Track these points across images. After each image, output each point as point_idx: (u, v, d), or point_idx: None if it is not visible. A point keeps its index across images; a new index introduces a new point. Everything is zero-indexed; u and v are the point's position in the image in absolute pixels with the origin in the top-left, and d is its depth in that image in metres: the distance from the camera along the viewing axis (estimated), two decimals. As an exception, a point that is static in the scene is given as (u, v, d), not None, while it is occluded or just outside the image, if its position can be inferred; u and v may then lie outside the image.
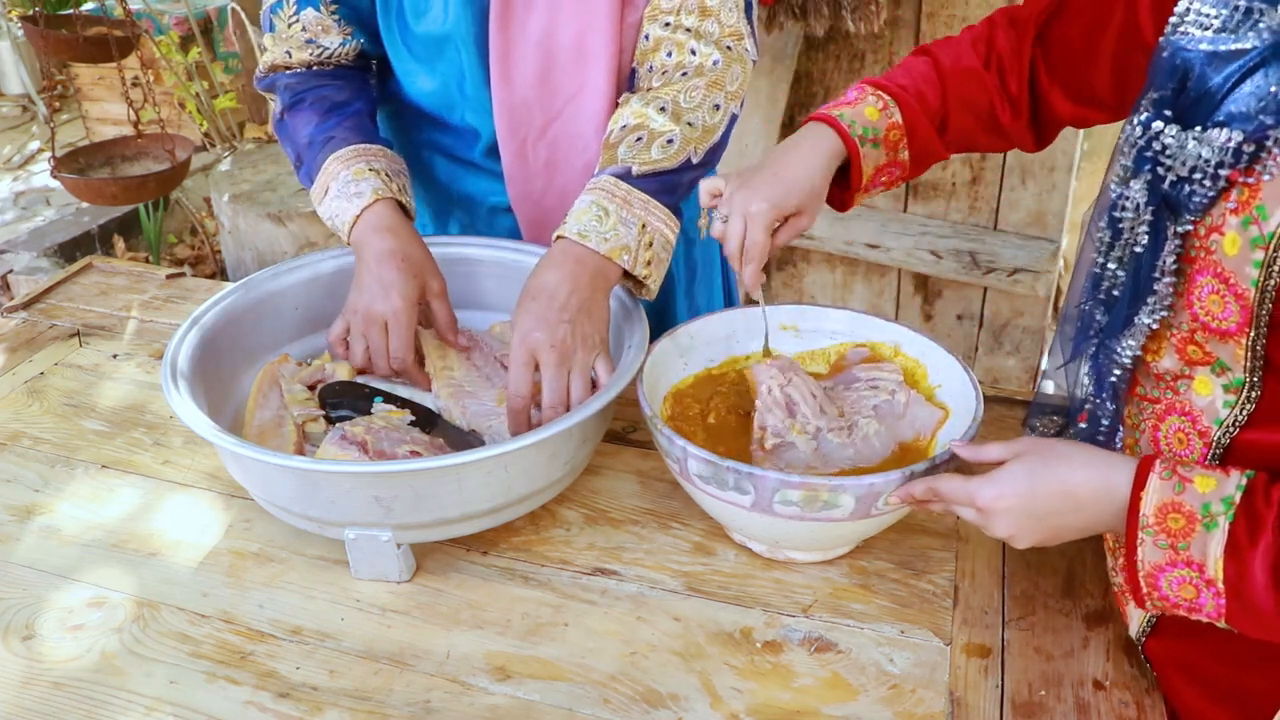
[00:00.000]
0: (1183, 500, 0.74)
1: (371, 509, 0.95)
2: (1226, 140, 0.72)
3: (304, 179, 1.26)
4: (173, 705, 0.89)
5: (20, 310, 1.51)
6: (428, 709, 0.88)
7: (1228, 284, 0.73)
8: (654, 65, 1.20)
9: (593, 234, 1.08)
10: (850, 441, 1.06)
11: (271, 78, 1.31)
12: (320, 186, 1.21)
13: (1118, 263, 0.82)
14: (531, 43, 1.20)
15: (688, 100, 1.15)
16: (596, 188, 1.11)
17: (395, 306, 1.14)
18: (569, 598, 0.99)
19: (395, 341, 1.15)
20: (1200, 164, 0.73)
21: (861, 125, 1.02)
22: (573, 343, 1.05)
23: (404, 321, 1.14)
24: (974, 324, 2.81)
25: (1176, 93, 0.77)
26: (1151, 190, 0.77)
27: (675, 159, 1.13)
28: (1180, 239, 0.76)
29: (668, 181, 1.13)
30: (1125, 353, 0.83)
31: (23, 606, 0.99)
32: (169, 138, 2.86)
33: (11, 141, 4.80)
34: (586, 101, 1.24)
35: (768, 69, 2.61)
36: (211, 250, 3.63)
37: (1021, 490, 0.81)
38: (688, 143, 1.14)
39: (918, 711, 0.87)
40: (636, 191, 1.11)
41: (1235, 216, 0.72)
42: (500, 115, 1.24)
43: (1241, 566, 0.72)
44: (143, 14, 3.69)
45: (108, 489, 1.15)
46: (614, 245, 1.08)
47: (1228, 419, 0.78)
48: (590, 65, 1.21)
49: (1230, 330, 0.74)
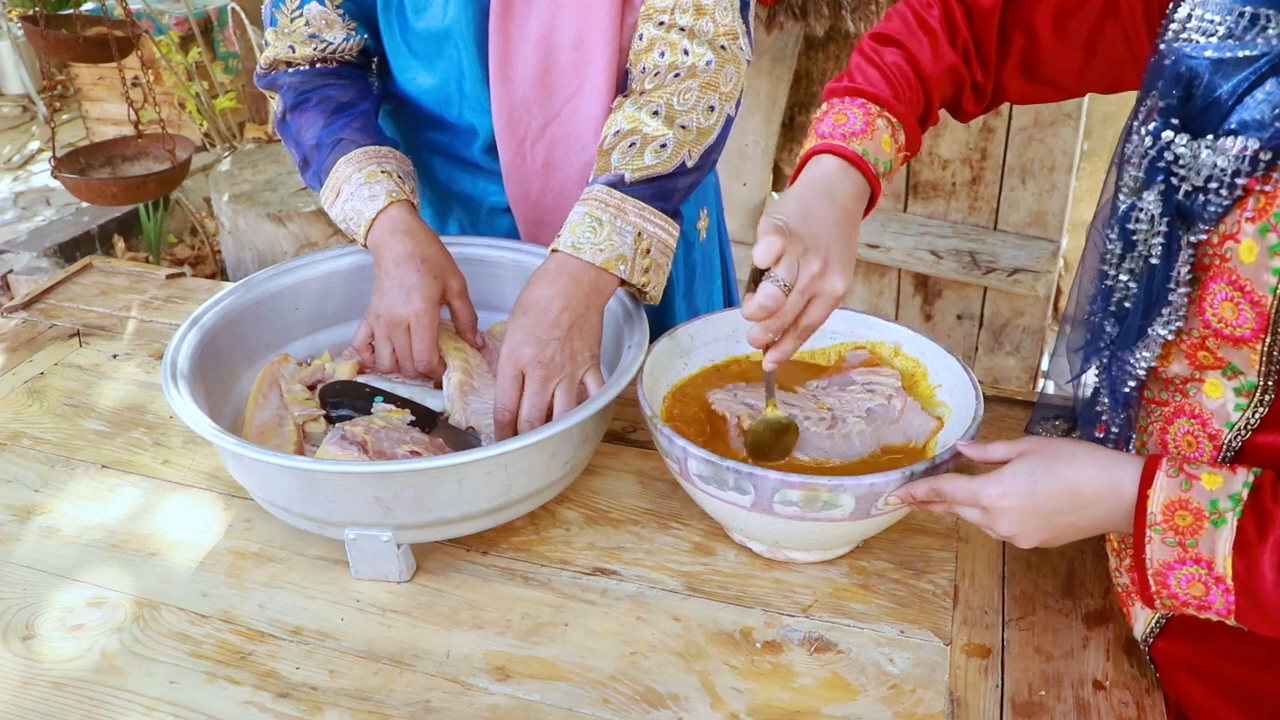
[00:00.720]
0: (1190, 497, 0.74)
1: (371, 509, 0.95)
2: (1243, 149, 0.71)
3: (311, 180, 1.25)
4: (173, 705, 0.89)
5: (20, 310, 1.51)
6: (428, 709, 0.88)
7: (1243, 291, 0.73)
8: (646, 66, 1.19)
9: (587, 246, 1.07)
10: (830, 434, 1.06)
11: (273, 76, 1.30)
12: (331, 189, 1.21)
13: (1129, 274, 0.81)
14: (531, 41, 1.20)
15: (681, 103, 1.14)
16: (590, 198, 1.10)
17: (417, 309, 1.14)
18: (569, 598, 0.99)
19: (419, 344, 1.15)
20: (1216, 173, 0.72)
21: (884, 162, 0.96)
22: (561, 359, 1.06)
23: (426, 323, 1.14)
24: (974, 324, 2.81)
25: (1183, 101, 0.76)
26: (1165, 201, 0.76)
27: (669, 164, 1.12)
28: (1193, 248, 0.76)
29: (663, 187, 1.12)
30: (1140, 364, 0.82)
31: (23, 606, 0.99)
32: (169, 138, 2.86)
33: (11, 141, 4.80)
34: (585, 102, 1.23)
35: (768, 69, 2.61)
36: (211, 250, 3.64)
37: (1025, 489, 0.81)
38: (681, 146, 1.13)
39: (918, 711, 0.87)
40: (631, 200, 1.10)
41: (1252, 224, 0.71)
42: (499, 114, 1.24)
43: (1250, 563, 0.72)
44: (143, 14, 3.69)
45: (108, 489, 1.15)
46: (609, 256, 1.07)
47: (1239, 422, 0.78)
48: (589, 65, 1.21)
49: (1245, 337, 0.74)
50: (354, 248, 1.28)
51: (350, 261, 1.28)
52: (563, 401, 1.06)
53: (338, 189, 1.20)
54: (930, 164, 2.73)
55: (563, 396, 1.06)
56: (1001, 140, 2.63)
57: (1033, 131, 2.59)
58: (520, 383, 1.06)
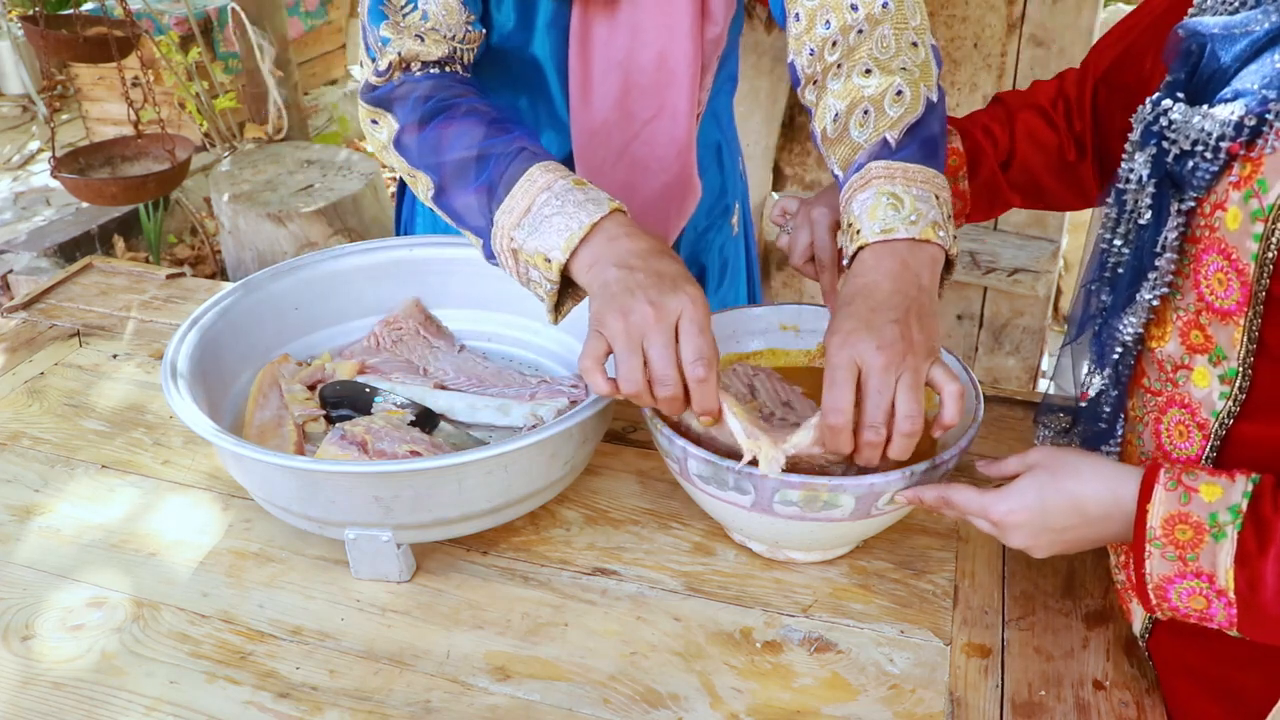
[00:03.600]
0: (1189, 511, 0.74)
1: (371, 509, 0.95)
2: (1230, 115, 0.72)
3: (471, 193, 1.01)
4: (173, 705, 0.89)
5: (20, 310, 1.51)
6: (428, 709, 0.88)
7: (1230, 260, 0.73)
8: (814, 46, 1.04)
9: (899, 225, 0.90)
10: None
11: (393, 84, 1.08)
12: (522, 198, 0.96)
13: (1123, 239, 0.83)
14: (612, 64, 1.17)
15: (882, 51, 0.99)
16: (871, 179, 0.93)
17: (691, 294, 0.88)
18: (569, 598, 0.99)
19: (698, 339, 0.86)
20: (1203, 137, 0.74)
21: None
22: (902, 346, 0.85)
23: (704, 310, 0.88)
24: (974, 324, 2.81)
25: (1189, 75, 0.78)
26: (1155, 164, 0.78)
27: (917, 105, 0.96)
28: (1185, 216, 0.77)
29: (927, 140, 0.96)
30: (1126, 329, 0.83)
31: (23, 606, 0.99)
32: (169, 138, 2.86)
33: (11, 141, 4.80)
34: (665, 123, 1.21)
35: (768, 69, 2.61)
36: (211, 250, 3.64)
37: (1032, 505, 0.82)
38: (915, 85, 0.97)
39: (918, 711, 0.87)
40: (913, 165, 0.94)
41: (1237, 191, 0.72)
42: (578, 137, 1.22)
43: (1252, 575, 0.71)
44: (143, 14, 3.69)
45: (108, 489, 1.15)
46: (925, 225, 0.90)
47: (1223, 410, 0.78)
48: (670, 87, 1.19)
49: (1230, 310, 0.74)
50: (354, 247, 1.28)
51: (350, 262, 1.28)
52: (908, 400, 0.84)
53: (533, 198, 0.95)
54: (930, 164, 2.72)
55: (908, 394, 0.84)
56: (1001, 140, 2.62)
57: (1033, 131, 2.58)
58: (856, 376, 0.85)
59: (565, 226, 0.93)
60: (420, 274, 1.30)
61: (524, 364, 1.30)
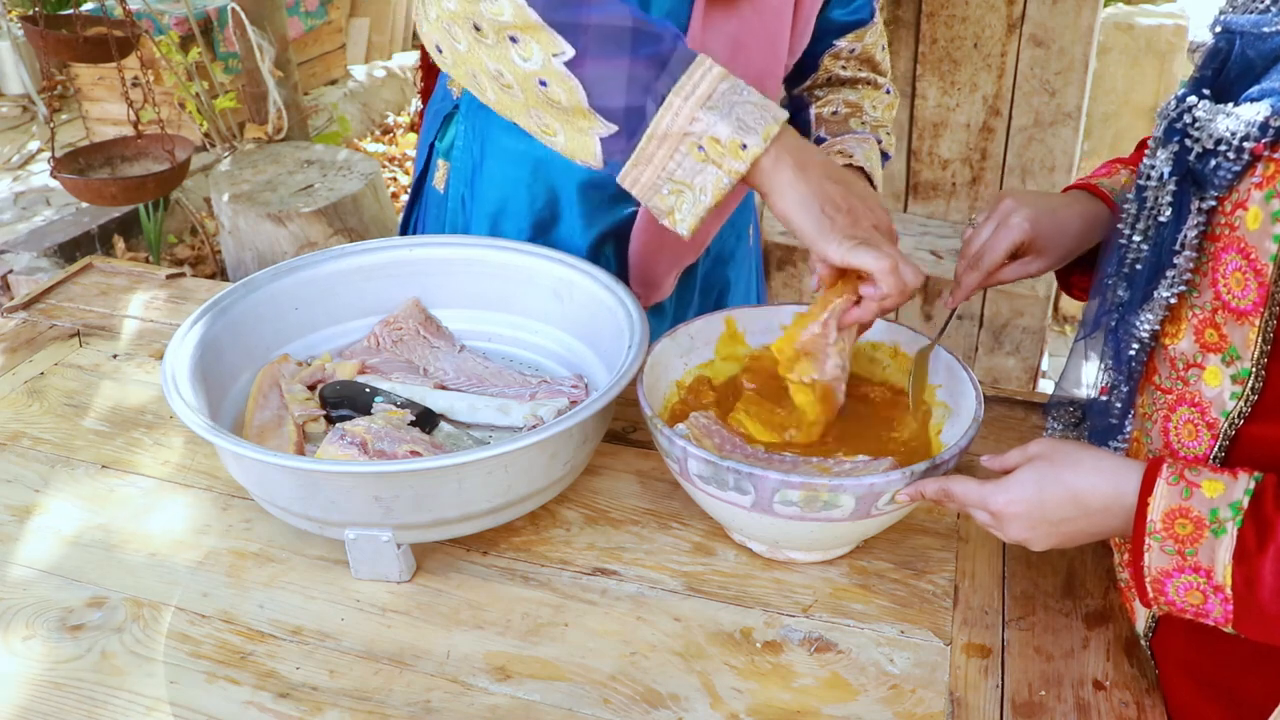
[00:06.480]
0: (1190, 505, 0.74)
1: (371, 509, 0.95)
2: (1255, 114, 0.71)
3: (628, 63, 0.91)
4: (173, 705, 0.89)
5: (20, 310, 1.51)
6: (428, 709, 0.88)
7: (1249, 260, 0.73)
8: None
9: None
10: None
11: None
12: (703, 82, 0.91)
13: (1142, 235, 0.82)
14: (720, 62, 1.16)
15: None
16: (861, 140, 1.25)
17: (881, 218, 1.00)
18: (569, 598, 0.99)
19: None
20: (1226, 136, 0.73)
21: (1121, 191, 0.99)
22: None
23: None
24: (974, 324, 2.81)
25: (1217, 73, 0.77)
26: (1176, 161, 0.77)
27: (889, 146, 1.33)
28: (1206, 215, 0.77)
29: None
30: (1143, 326, 0.83)
31: (23, 606, 0.99)
32: (169, 138, 2.86)
33: (11, 141, 4.80)
34: None
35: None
36: (211, 250, 3.64)
37: (1031, 496, 0.82)
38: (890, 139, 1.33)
39: (918, 711, 0.87)
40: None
41: (1259, 191, 0.71)
42: None
43: (1250, 572, 0.71)
44: (143, 14, 3.69)
45: (108, 489, 1.15)
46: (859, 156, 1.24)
47: (1233, 411, 0.78)
48: None
49: (1247, 310, 0.74)
50: (354, 247, 1.28)
51: (350, 262, 1.28)
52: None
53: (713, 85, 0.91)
54: (930, 164, 2.73)
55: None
56: (1001, 140, 2.63)
57: (1033, 132, 2.59)
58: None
59: (760, 118, 0.91)
60: (420, 274, 1.30)
61: (524, 364, 1.30)
